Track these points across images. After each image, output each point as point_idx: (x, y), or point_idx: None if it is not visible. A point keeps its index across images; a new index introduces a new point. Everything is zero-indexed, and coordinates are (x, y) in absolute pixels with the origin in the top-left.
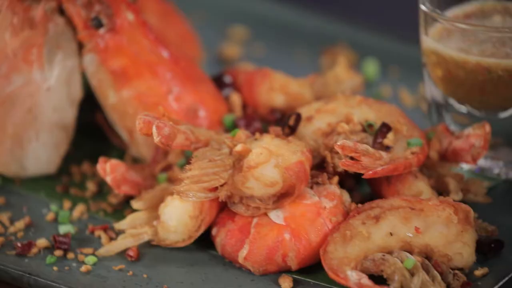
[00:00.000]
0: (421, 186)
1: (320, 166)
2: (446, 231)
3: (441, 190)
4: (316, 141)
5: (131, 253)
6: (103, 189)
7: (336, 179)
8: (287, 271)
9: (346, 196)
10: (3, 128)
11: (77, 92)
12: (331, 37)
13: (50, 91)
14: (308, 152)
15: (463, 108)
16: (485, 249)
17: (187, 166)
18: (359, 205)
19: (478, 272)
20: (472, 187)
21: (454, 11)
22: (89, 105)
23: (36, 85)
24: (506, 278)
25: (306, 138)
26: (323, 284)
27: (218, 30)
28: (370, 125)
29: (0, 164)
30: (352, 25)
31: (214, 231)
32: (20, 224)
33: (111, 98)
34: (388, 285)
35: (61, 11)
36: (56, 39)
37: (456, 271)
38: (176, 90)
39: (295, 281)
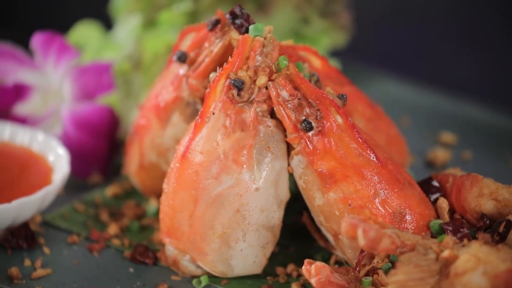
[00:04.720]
0: None
1: None
2: None
3: None
4: None
5: None
6: None
7: None
8: None
9: None
10: (212, 228)
11: (284, 193)
12: None
13: (259, 191)
14: None
15: None
16: None
17: (393, 271)
18: None
19: None
20: None
21: None
22: (295, 206)
23: (245, 186)
24: None
25: None
26: None
27: (426, 135)
28: None
29: (208, 263)
30: None
31: None
32: None
33: (318, 200)
34: None
35: (272, 114)
36: (266, 141)
37: None
38: (383, 193)
39: None
